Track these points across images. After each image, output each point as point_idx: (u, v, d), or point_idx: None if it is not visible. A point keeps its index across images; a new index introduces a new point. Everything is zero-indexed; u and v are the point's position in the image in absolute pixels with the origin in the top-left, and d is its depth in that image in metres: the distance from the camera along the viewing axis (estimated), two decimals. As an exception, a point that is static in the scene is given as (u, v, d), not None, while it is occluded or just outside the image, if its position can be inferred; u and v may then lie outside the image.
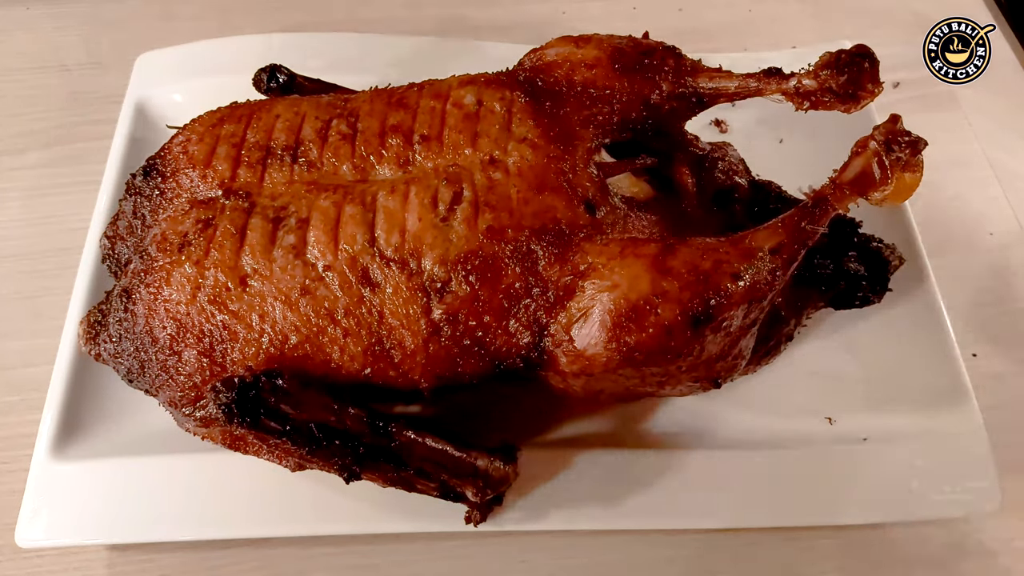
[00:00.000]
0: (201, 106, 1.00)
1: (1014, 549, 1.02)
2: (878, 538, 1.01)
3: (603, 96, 0.95)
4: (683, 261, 0.82)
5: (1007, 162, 1.36)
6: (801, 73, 0.96)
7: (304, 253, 0.84)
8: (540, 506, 0.93)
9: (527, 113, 0.92)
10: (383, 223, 0.85)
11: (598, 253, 0.84)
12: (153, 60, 1.28)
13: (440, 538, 0.99)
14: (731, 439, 0.99)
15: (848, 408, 1.02)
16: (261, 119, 0.94)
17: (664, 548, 1.00)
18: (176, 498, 0.93)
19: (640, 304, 0.80)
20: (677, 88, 0.98)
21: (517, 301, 0.84)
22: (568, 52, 0.99)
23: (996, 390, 1.11)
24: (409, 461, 0.84)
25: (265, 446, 0.84)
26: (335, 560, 0.98)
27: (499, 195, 0.86)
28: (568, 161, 0.90)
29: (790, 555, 1.00)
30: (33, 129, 1.37)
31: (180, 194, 0.91)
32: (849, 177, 0.86)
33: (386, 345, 0.83)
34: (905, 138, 0.86)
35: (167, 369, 0.85)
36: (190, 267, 0.84)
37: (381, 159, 0.90)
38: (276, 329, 0.83)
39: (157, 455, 0.95)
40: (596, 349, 0.81)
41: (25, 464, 0.95)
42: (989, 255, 1.26)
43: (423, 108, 0.93)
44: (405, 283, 0.83)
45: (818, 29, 1.53)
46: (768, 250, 0.84)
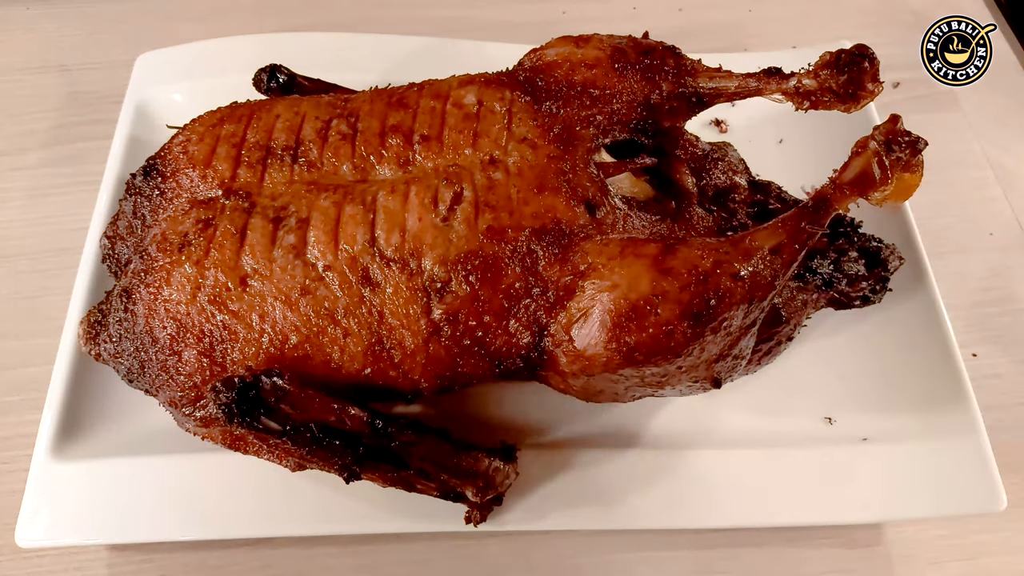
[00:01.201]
0: (201, 106, 1.00)
1: (1014, 549, 1.02)
2: (878, 537, 1.01)
3: (603, 96, 0.95)
4: (683, 261, 0.82)
5: (1007, 162, 1.36)
6: (801, 73, 0.96)
7: (304, 253, 0.84)
8: (540, 506, 0.93)
9: (527, 113, 0.92)
10: (383, 223, 0.85)
11: (598, 253, 0.84)
12: (153, 60, 1.28)
13: (440, 538, 0.99)
14: (731, 439, 0.99)
15: (848, 408, 1.02)
16: (261, 119, 0.94)
17: (664, 547, 1.00)
18: (176, 498, 0.93)
19: (640, 304, 0.80)
20: (677, 88, 0.98)
21: (517, 301, 0.84)
22: (568, 52, 0.99)
23: (996, 390, 1.11)
24: (409, 461, 0.84)
25: (265, 446, 0.84)
26: (335, 560, 0.98)
27: (499, 195, 0.86)
28: (568, 161, 0.90)
29: (790, 554, 1.00)
30: (33, 129, 1.37)
31: (180, 194, 0.91)
32: (849, 177, 0.86)
33: (386, 345, 0.83)
34: (905, 138, 0.86)
35: (167, 369, 0.85)
36: (190, 267, 0.84)
37: (381, 159, 0.90)
38: (276, 329, 0.83)
39: (157, 455, 0.95)
40: (596, 349, 0.81)
41: (25, 464, 0.95)
42: (989, 255, 1.26)
43: (423, 108, 0.93)
44: (405, 283, 0.83)
45: (818, 29, 1.53)
46: (768, 250, 0.84)
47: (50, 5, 1.51)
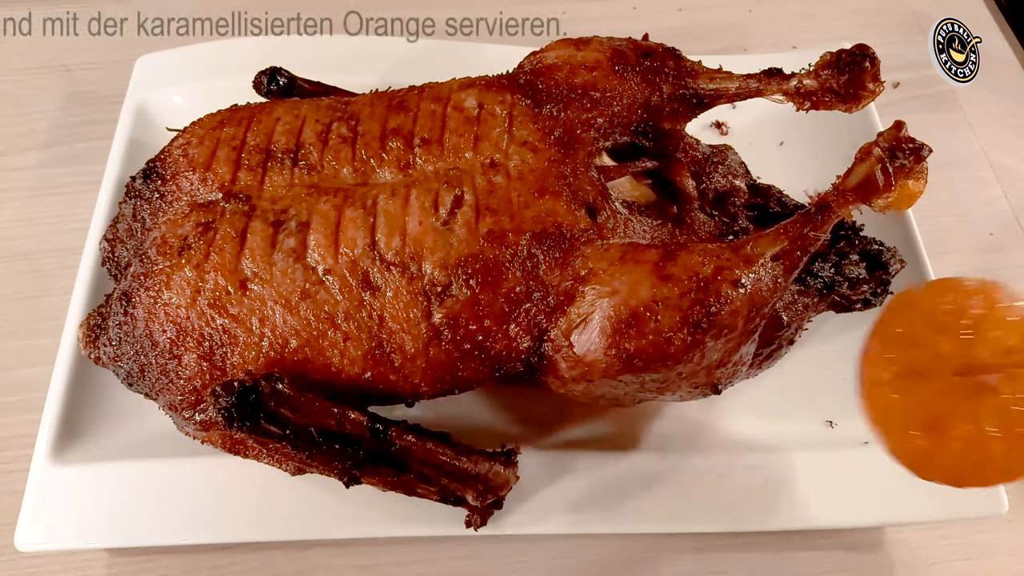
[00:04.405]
0: (201, 108, 1.00)
1: (1014, 550, 1.02)
2: (878, 538, 1.01)
3: (604, 99, 0.95)
4: (684, 267, 0.82)
5: (1007, 162, 1.36)
6: (802, 73, 0.96)
7: (304, 257, 0.84)
8: (540, 509, 0.93)
9: (528, 116, 0.92)
10: (384, 227, 0.85)
11: (599, 258, 0.84)
12: (153, 62, 1.28)
13: (441, 539, 0.99)
14: (732, 442, 0.99)
15: (849, 412, 1.00)
16: (261, 122, 0.94)
17: (665, 550, 1.00)
18: (176, 502, 0.92)
19: (640, 311, 0.80)
20: (677, 89, 0.98)
21: (517, 305, 0.83)
22: (568, 55, 0.99)
23: (996, 391, 1.11)
24: (409, 465, 0.84)
25: (265, 450, 0.85)
26: (335, 561, 0.98)
27: (500, 199, 0.86)
28: (569, 165, 0.90)
29: (791, 557, 1.00)
30: (33, 129, 1.37)
31: (180, 197, 0.91)
32: (852, 183, 0.86)
33: (386, 349, 0.83)
34: (909, 145, 0.86)
35: (167, 373, 0.84)
36: (190, 271, 0.84)
37: (382, 162, 0.90)
38: (276, 333, 0.83)
39: (157, 459, 0.95)
40: (596, 355, 0.81)
41: (25, 464, 0.95)
42: (989, 255, 1.26)
43: (423, 111, 0.93)
44: (405, 287, 0.83)
45: (818, 29, 1.53)
46: (770, 256, 0.84)
47: (50, 5, 1.51)
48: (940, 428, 0.76)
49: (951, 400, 0.76)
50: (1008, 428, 0.74)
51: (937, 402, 0.76)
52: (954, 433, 0.75)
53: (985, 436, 0.74)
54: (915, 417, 0.77)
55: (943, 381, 0.76)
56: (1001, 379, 0.75)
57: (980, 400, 0.75)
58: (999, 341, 0.76)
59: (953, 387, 0.76)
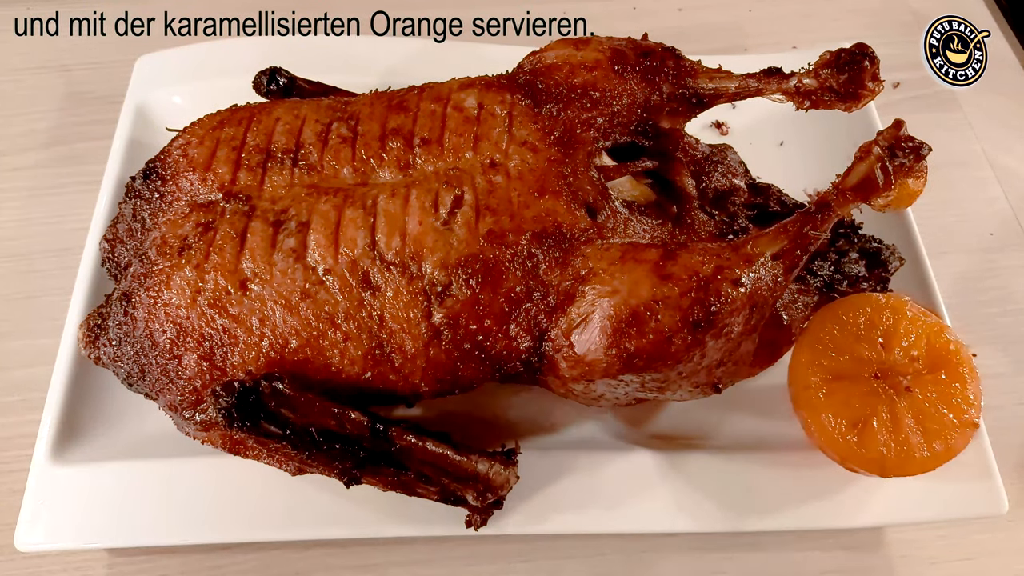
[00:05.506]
0: (201, 109, 1.00)
1: (1014, 550, 1.02)
2: (878, 537, 1.01)
3: (603, 98, 0.95)
4: (684, 267, 0.82)
5: (1007, 162, 1.36)
6: (801, 72, 0.96)
7: (304, 257, 0.84)
8: (540, 509, 0.93)
9: (527, 116, 0.92)
10: (384, 227, 0.85)
11: (599, 258, 0.84)
12: (153, 62, 1.27)
13: (440, 540, 0.99)
14: (732, 442, 0.99)
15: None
16: (261, 122, 0.94)
17: (665, 550, 1.00)
18: (176, 502, 0.92)
19: (640, 310, 0.80)
20: (677, 89, 0.98)
21: (518, 305, 0.83)
22: (568, 54, 0.99)
23: (996, 390, 1.11)
24: (409, 465, 0.84)
25: (265, 450, 0.84)
26: (334, 561, 0.98)
27: (500, 199, 0.86)
28: (569, 164, 0.90)
29: (790, 555, 1.00)
30: (33, 129, 1.37)
31: (180, 197, 0.91)
32: (852, 182, 0.86)
33: (386, 349, 0.83)
34: (909, 144, 0.86)
35: (167, 373, 0.84)
36: (190, 271, 0.84)
37: (382, 162, 0.90)
38: (276, 333, 0.83)
39: (157, 459, 0.94)
40: (596, 355, 0.81)
41: (25, 464, 0.95)
42: (989, 255, 1.26)
43: (423, 111, 0.93)
44: (406, 287, 0.83)
45: (818, 29, 1.54)
46: (770, 256, 0.84)
47: (50, 5, 1.51)
48: (864, 424, 0.88)
49: (872, 399, 0.89)
50: (922, 423, 0.88)
51: (860, 401, 0.89)
52: (876, 428, 0.87)
53: (903, 430, 0.87)
54: (841, 415, 0.88)
55: (864, 383, 0.89)
56: (912, 380, 0.89)
57: (897, 399, 0.89)
58: (907, 349, 0.91)
59: (873, 388, 0.89)
